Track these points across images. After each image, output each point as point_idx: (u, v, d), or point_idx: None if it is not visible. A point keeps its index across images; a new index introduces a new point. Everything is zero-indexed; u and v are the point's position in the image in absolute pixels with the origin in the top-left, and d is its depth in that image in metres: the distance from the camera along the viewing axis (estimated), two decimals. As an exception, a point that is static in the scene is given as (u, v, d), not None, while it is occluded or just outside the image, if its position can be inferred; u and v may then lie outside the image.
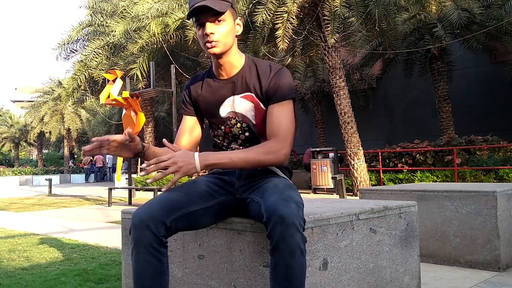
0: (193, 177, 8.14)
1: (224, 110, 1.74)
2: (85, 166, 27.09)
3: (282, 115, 1.65)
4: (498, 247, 2.85)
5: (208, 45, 1.62)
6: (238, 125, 1.73)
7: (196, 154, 1.52)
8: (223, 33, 1.62)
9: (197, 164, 1.51)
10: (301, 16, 10.55)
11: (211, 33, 1.60)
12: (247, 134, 1.74)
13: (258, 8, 9.81)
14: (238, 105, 1.71)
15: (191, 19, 1.65)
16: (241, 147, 1.75)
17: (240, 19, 1.72)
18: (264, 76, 1.69)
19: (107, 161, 26.95)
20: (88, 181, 26.37)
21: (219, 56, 1.66)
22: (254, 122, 1.72)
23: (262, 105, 1.70)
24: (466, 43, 12.36)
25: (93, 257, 3.76)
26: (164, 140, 1.58)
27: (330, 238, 1.68)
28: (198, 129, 1.84)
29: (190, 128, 1.82)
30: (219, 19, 1.61)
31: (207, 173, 1.84)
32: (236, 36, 1.71)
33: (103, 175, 26.96)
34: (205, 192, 1.64)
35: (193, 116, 1.83)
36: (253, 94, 1.70)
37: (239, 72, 1.72)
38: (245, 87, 1.71)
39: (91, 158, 27.59)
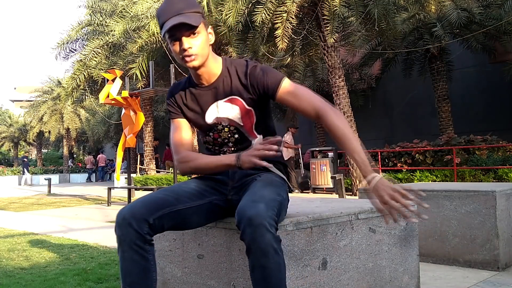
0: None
1: (210, 117, 1.74)
2: (87, 166, 27.03)
3: (300, 90, 1.64)
4: (497, 247, 2.86)
5: (187, 59, 1.61)
6: (226, 129, 1.73)
7: None
8: (200, 45, 1.61)
9: None
10: (300, 15, 10.55)
11: (189, 48, 1.59)
12: (236, 136, 1.74)
13: (258, 7, 9.80)
14: (223, 110, 1.71)
15: (164, 34, 1.62)
16: (233, 149, 1.75)
17: (211, 27, 1.70)
18: (244, 75, 1.68)
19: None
20: (91, 180, 26.30)
21: (197, 68, 1.66)
22: (241, 124, 1.72)
23: (246, 105, 1.70)
24: (466, 43, 12.36)
25: (92, 256, 3.76)
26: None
27: (330, 238, 1.69)
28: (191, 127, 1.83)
29: (186, 125, 1.79)
30: (194, 32, 1.59)
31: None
32: (210, 45, 1.69)
33: (103, 175, 26.93)
34: (195, 192, 1.64)
35: (183, 118, 1.79)
36: (236, 97, 1.70)
37: (219, 77, 1.71)
38: (227, 90, 1.70)
39: (93, 158, 27.60)
